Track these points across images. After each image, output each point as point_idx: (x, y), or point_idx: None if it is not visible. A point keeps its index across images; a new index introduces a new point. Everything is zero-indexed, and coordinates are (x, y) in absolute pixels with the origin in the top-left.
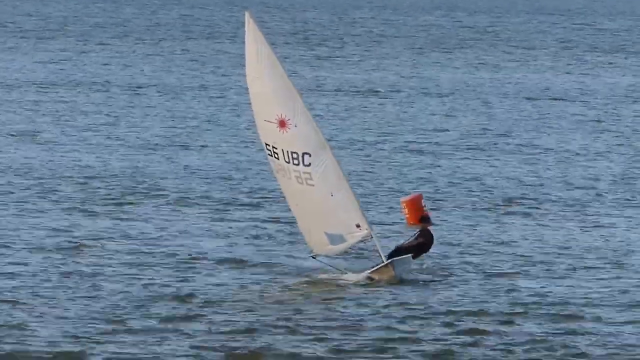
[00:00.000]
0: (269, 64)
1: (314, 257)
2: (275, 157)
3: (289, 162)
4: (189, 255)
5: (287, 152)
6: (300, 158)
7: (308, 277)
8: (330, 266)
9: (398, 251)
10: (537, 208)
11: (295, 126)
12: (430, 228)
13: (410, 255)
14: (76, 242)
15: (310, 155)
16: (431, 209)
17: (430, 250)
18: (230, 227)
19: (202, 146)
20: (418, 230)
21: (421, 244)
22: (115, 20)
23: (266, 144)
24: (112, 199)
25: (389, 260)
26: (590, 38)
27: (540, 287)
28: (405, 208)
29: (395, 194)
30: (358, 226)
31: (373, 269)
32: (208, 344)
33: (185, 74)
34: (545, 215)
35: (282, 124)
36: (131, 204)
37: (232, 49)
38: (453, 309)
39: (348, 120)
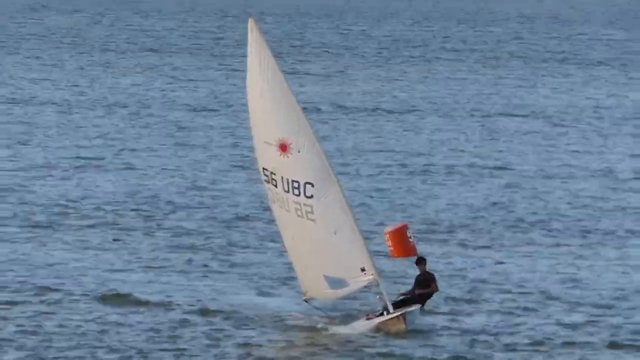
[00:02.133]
0: (273, 78)
1: (306, 301)
2: (273, 185)
3: (288, 192)
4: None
5: (288, 180)
6: (302, 188)
7: (300, 327)
8: (325, 313)
9: (405, 300)
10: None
11: (299, 151)
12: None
13: (419, 305)
14: None
15: (313, 186)
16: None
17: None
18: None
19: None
20: (419, 275)
21: (430, 293)
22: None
23: (264, 169)
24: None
25: (402, 312)
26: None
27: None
28: (388, 240)
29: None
30: (363, 270)
31: (382, 320)
32: None
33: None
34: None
35: (284, 147)
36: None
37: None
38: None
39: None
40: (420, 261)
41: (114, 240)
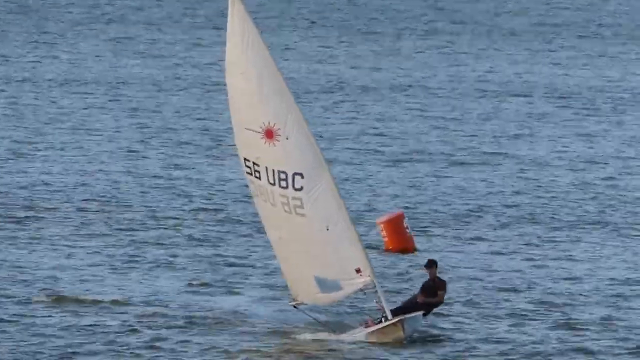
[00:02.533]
0: (258, 56)
1: (295, 307)
2: (256, 177)
3: (273, 184)
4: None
5: (274, 170)
6: (290, 179)
7: (288, 336)
8: (317, 320)
9: (406, 307)
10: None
11: (287, 138)
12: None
13: (421, 312)
14: None
15: (302, 177)
16: (415, 230)
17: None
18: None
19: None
20: (428, 279)
21: (436, 303)
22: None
23: (245, 159)
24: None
25: (399, 318)
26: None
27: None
28: (383, 230)
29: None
30: (358, 271)
31: (377, 327)
32: None
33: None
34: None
35: (269, 134)
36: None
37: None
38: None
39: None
40: (431, 264)
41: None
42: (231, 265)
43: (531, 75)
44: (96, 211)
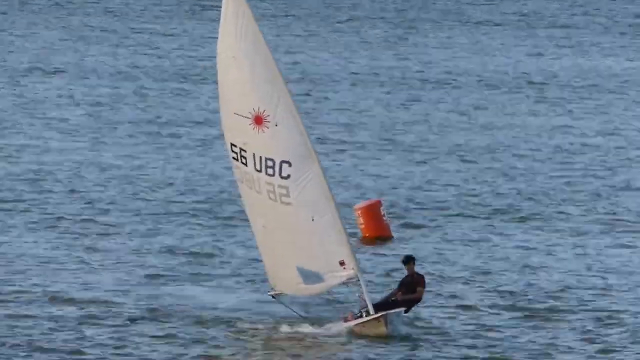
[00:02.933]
0: (252, 41)
1: (273, 297)
2: (242, 163)
3: (260, 171)
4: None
5: (261, 157)
6: (277, 167)
7: (267, 327)
8: (296, 312)
9: (387, 304)
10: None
11: (276, 125)
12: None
13: (403, 309)
14: None
15: (290, 165)
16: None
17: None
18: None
19: None
20: (407, 276)
21: (416, 299)
22: None
23: (232, 145)
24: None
25: (382, 314)
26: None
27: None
28: (360, 217)
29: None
30: (342, 264)
31: (359, 321)
32: None
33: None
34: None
35: (259, 120)
36: None
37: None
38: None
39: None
40: (408, 260)
41: None
42: (201, 255)
43: (502, 65)
44: (58, 203)
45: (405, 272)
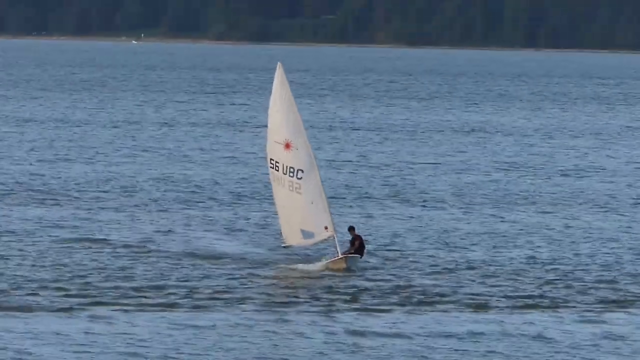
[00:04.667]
0: (288, 103)
1: (285, 247)
2: (275, 170)
3: (285, 174)
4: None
5: (287, 167)
6: (295, 172)
7: (278, 266)
8: (297, 255)
9: (348, 252)
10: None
11: (297, 149)
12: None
13: (358, 255)
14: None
15: (302, 172)
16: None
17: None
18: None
19: None
20: (353, 238)
21: (359, 246)
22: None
23: (271, 159)
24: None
25: (343, 256)
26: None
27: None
28: None
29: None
30: (326, 228)
31: (330, 260)
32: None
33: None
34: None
35: (288, 145)
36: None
37: None
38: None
39: None
40: (351, 229)
41: None
42: (241, 219)
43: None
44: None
45: (350, 236)
